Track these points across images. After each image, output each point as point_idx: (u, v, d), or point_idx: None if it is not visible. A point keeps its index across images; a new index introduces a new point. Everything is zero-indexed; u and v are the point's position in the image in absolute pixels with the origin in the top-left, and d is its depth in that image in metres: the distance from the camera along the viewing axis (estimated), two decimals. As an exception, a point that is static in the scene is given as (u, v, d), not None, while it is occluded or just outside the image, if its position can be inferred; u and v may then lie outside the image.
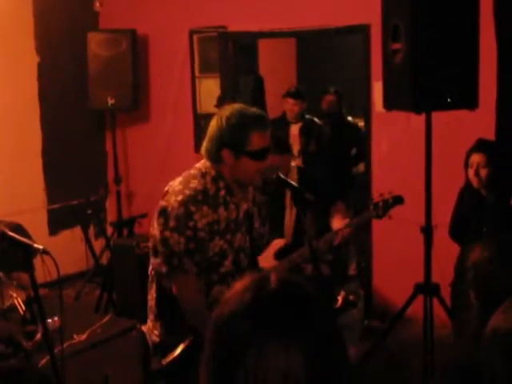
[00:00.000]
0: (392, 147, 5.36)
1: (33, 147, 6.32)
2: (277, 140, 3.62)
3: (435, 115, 3.87)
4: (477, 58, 3.72)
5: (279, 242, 3.37)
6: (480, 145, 4.09)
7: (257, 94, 7.66)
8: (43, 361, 3.34)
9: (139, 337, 3.13)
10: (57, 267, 2.41)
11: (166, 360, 2.74)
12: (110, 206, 6.98)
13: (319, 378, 1.21)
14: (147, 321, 2.96)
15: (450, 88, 3.67)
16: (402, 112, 4.08)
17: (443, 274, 4.14)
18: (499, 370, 1.31)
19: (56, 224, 6.55)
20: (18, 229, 4.43)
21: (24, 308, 4.04)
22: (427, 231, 3.95)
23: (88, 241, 6.40)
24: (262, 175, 2.81)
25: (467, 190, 4.14)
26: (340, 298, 4.52)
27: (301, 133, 6.15)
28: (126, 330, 4.03)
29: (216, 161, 2.75)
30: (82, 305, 5.83)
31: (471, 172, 4.04)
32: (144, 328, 2.98)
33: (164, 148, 6.55)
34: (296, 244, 3.75)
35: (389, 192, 3.68)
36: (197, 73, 6.38)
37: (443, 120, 4.06)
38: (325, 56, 8.68)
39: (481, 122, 4.37)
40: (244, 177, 2.76)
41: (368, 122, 5.52)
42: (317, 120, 6.38)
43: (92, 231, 6.81)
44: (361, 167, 6.43)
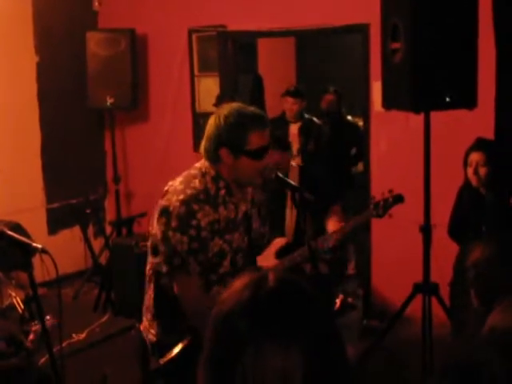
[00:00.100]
0: (391, 147, 5.36)
1: (32, 146, 6.32)
2: (277, 138, 3.62)
3: (434, 115, 3.87)
4: (476, 58, 3.72)
5: (280, 241, 3.37)
6: (479, 143, 4.09)
7: (256, 94, 7.66)
8: (42, 360, 3.34)
9: (138, 336, 3.13)
10: (55, 266, 2.41)
11: (164, 359, 2.73)
12: (109, 206, 6.97)
13: (318, 378, 1.21)
14: (143, 320, 2.94)
15: (449, 87, 3.67)
16: (401, 111, 4.08)
17: (442, 274, 4.14)
18: (498, 370, 1.31)
19: (55, 223, 6.54)
20: (17, 228, 4.44)
21: (23, 307, 4.04)
22: (426, 231, 3.95)
23: (87, 240, 6.40)
24: (261, 174, 2.81)
25: (466, 189, 4.13)
26: (338, 301, 4.53)
27: (300, 132, 6.15)
28: (125, 330, 4.04)
29: (214, 160, 2.73)
30: (81, 304, 5.83)
31: (470, 171, 4.04)
32: (140, 327, 2.97)
33: (163, 147, 6.54)
34: (297, 243, 3.74)
35: (389, 191, 3.68)
36: (196, 72, 6.38)
37: (442, 119, 4.06)
38: (324, 55, 8.67)
39: (479, 122, 4.38)
40: (243, 176, 2.75)
41: (367, 122, 5.52)
42: (316, 119, 6.37)
43: (91, 230, 6.80)
44: (360, 167, 6.43)
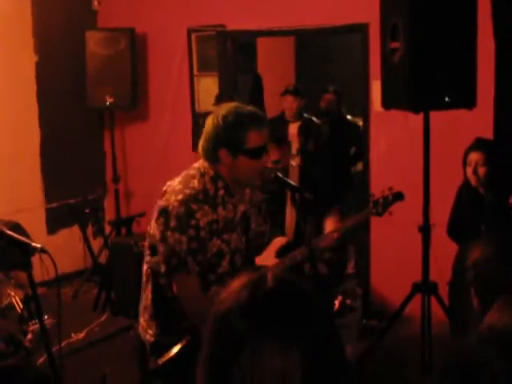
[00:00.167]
0: (390, 146, 5.36)
1: (31, 146, 6.32)
2: (273, 133, 3.60)
3: (433, 114, 3.87)
4: (475, 57, 3.72)
5: (280, 240, 3.37)
6: (478, 143, 4.09)
7: (255, 93, 7.66)
8: (41, 359, 3.34)
9: (137, 335, 3.12)
10: (55, 266, 2.41)
11: (162, 360, 2.73)
12: (109, 205, 6.97)
13: (317, 378, 1.21)
14: (139, 320, 2.92)
15: (448, 87, 3.67)
16: (401, 111, 4.08)
17: (441, 273, 4.14)
18: (498, 370, 1.31)
19: (54, 223, 6.54)
20: (16, 228, 4.43)
21: (22, 306, 4.04)
22: (425, 230, 3.95)
23: (86, 240, 6.40)
24: (261, 174, 2.81)
25: (465, 189, 4.13)
26: (337, 303, 4.52)
27: (299, 132, 6.14)
28: (124, 329, 4.04)
29: (213, 160, 2.73)
30: (80, 304, 5.83)
31: (469, 170, 4.04)
32: (140, 326, 2.95)
33: (162, 147, 6.54)
34: (297, 242, 3.74)
35: (389, 188, 3.67)
36: (195, 71, 6.37)
37: (441, 119, 4.06)
38: (323, 55, 8.67)
39: (479, 121, 4.37)
40: (242, 176, 2.74)
41: (366, 121, 5.52)
42: (315, 119, 6.37)
43: (90, 230, 6.80)
44: (359, 166, 6.42)
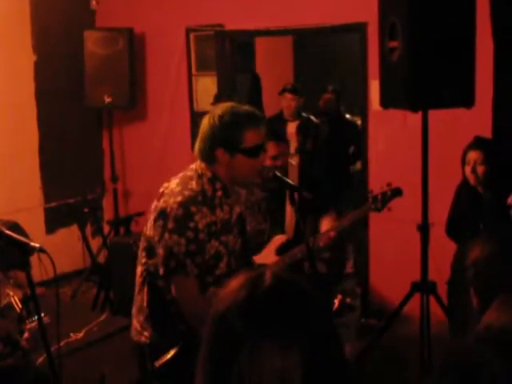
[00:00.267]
0: (389, 145, 5.36)
1: (30, 145, 6.31)
2: (270, 129, 3.59)
3: (432, 113, 3.87)
4: (473, 56, 3.72)
5: (280, 238, 3.37)
6: (477, 142, 4.09)
7: (253, 93, 7.65)
8: (40, 359, 3.35)
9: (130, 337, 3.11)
10: (53, 266, 2.41)
11: (159, 363, 2.71)
12: (107, 205, 6.97)
13: (316, 377, 1.21)
14: (132, 322, 2.90)
15: (447, 86, 3.67)
16: (399, 110, 4.08)
17: (440, 272, 4.14)
18: (498, 370, 1.30)
19: (53, 222, 6.53)
20: (15, 227, 4.43)
21: (20, 306, 4.04)
22: (424, 229, 3.95)
23: (85, 239, 6.39)
24: (260, 174, 2.81)
25: (464, 188, 4.13)
26: (337, 302, 4.52)
27: (298, 131, 6.14)
28: (123, 329, 4.04)
29: (210, 160, 2.72)
30: (79, 303, 5.83)
31: (468, 169, 4.04)
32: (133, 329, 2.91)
33: (161, 146, 6.54)
34: (297, 240, 3.74)
35: (387, 184, 3.67)
36: (193, 71, 6.37)
37: (440, 118, 4.07)
38: (321, 54, 8.67)
39: (477, 120, 4.38)
40: (240, 175, 2.74)
41: (365, 120, 5.52)
42: (313, 118, 6.37)
43: (89, 230, 6.80)
44: (358, 165, 6.43)
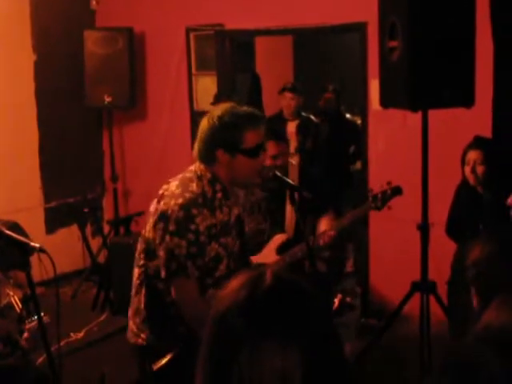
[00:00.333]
0: (389, 145, 5.36)
1: (30, 145, 6.31)
2: (270, 129, 3.59)
3: (432, 113, 3.87)
4: (473, 56, 3.72)
5: (280, 237, 3.38)
6: (477, 142, 4.09)
7: (253, 92, 7.65)
8: (40, 359, 3.35)
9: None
10: (53, 265, 2.41)
11: (156, 365, 2.69)
12: (107, 205, 6.96)
13: (316, 377, 1.21)
14: (129, 323, 2.89)
15: (447, 86, 3.67)
16: (399, 110, 4.08)
17: (440, 272, 4.14)
18: (498, 370, 1.30)
19: (53, 222, 6.53)
20: (15, 227, 4.43)
21: (21, 306, 4.04)
22: (424, 229, 3.95)
23: (85, 239, 6.39)
24: (260, 173, 2.80)
25: (464, 188, 4.13)
26: (337, 301, 4.52)
27: (298, 130, 6.14)
28: (123, 329, 4.03)
29: (210, 161, 2.72)
30: (79, 303, 5.83)
31: (468, 169, 4.03)
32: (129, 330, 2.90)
33: (161, 146, 6.54)
34: (297, 239, 3.74)
35: (387, 183, 3.67)
36: (193, 71, 6.37)
37: (440, 118, 4.06)
38: (322, 54, 8.66)
39: (477, 120, 4.38)
40: (240, 175, 2.74)
41: (365, 120, 5.52)
42: (313, 118, 6.37)
43: (89, 229, 6.80)
44: (358, 165, 6.42)
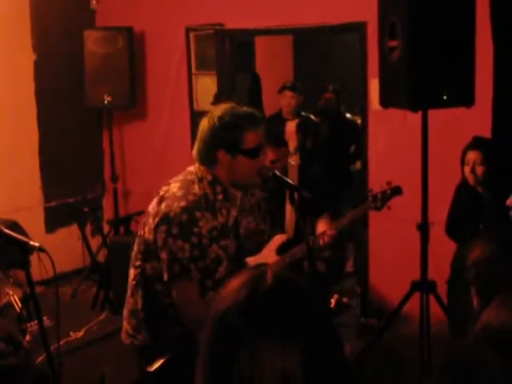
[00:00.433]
0: (389, 145, 5.36)
1: (30, 145, 6.31)
2: (270, 135, 3.61)
3: (431, 113, 3.87)
4: (473, 56, 3.72)
5: (280, 238, 3.37)
6: (476, 142, 4.09)
7: (253, 92, 7.64)
8: (40, 358, 3.35)
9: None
10: (53, 265, 2.41)
11: (153, 367, 2.68)
12: (107, 204, 6.97)
13: (316, 377, 1.21)
14: (124, 324, 2.87)
15: (447, 85, 3.68)
16: (399, 109, 4.08)
17: (440, 272, 4.14)
18: (498, 370, 1.30)
19: (53, 222, 6.53)
20: (15, 226, 4.44)
21: (20, 305, 4.04)
22: (423, 228, 3.95)
23: (85, 238, 6.40)
24: (259, 173, 2.80)
25: (463, 188, 4.13)
26: (333, 301, 4.52)
27: (297, 130, 6.13)
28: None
29: (210, 163, 2.71)
30: (79, 302, 5.83)
31: (467, 169, 4.04)
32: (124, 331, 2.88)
33: (161, 145, 6.54)
34: (297, 239, 3.74)
35: (387, 183, 3.68)
36: (193, 70, 6.37)
37: (439, 117, 4.06)
38: (321, 54, 8.66)
39: (477, 120, 4.38)
40: (241, 176, 2.74)
41: (365, 120, 5.52)
42: (313, 117, 6.36)
43: (89, 229, 6.80)
44: (358, 165, 6.42)
